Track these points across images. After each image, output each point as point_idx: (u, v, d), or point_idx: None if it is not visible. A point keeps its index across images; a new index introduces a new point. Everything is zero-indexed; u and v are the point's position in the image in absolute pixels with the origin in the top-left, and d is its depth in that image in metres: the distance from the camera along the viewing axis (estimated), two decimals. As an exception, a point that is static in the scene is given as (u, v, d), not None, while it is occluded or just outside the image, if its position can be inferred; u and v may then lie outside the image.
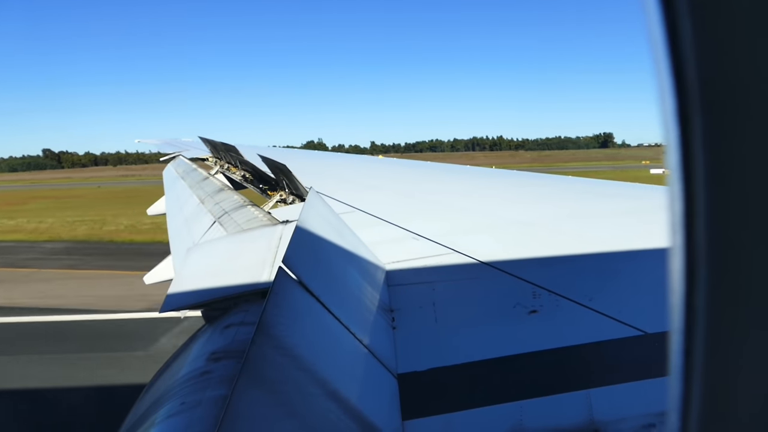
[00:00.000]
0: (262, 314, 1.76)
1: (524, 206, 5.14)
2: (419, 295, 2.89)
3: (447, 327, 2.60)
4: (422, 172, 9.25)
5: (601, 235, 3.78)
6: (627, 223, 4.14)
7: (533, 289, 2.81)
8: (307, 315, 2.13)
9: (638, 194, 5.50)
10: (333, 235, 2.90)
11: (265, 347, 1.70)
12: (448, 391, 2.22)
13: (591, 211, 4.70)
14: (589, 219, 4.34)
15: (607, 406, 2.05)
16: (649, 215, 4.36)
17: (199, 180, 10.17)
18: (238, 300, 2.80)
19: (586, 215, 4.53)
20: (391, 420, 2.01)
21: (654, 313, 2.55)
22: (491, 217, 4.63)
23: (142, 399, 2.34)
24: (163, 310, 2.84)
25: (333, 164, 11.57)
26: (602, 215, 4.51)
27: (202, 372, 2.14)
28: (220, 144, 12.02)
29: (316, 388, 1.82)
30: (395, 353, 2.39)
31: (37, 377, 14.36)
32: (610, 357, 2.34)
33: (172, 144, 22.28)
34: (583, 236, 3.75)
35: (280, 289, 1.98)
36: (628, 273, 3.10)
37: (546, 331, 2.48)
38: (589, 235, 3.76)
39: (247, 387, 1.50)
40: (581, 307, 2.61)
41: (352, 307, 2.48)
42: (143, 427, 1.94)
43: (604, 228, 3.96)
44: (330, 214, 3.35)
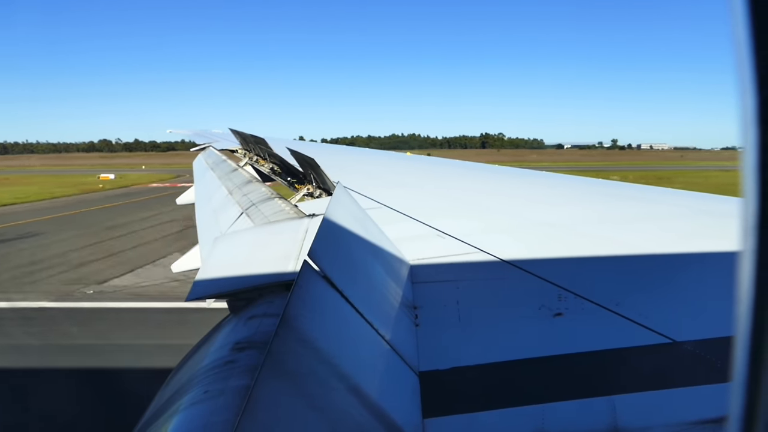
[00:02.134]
0: (286, 306, 1.77)
1: (551, 207, 5.07)
2: (443, 293, 2.87)
3: (470, 326, 2.58)
4: (449, 171, 9.20)
5: (628, 238, 3.71)
6: (654, 227, 4.05)
7: (558, 291, 2.77)
8: (331, 309, 2.14)
9: (664, 199, 5.38)
10: (359, 230, 2.90)
11: (288, 339, 1.71)
12: (469, 390, 2.20)
13: (617, 214, 4.62)
14: (616, 222, 4.27)
15: (632, 413, 2.02)
16: (678, 220, 4.27)
17: (228, 171, 10.29)
18: (262, 291, 2.82)
19: (612, 218, 4.45)
20: (411, 417, 2.01)
21: (683, 321, 2.49)
22: (517, 217, 4.58)
23: (167, 386, 2.38)
24: (190, 298, 2.88)
25: (361, 160, 11.58)
26: (629, 219, 4.43)
27: (225, 361, 2.17)
28: (250, 136, 12.13)
29: (338, 382, 1.82)
30: (417, 351, 2.38)
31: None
32: (636, 364, 2.29)
33: (202, 135, 22.57)
34: (610, 239, 3.68)
35: (305, 282, 1.99)
36: (657, 278, 3.04)
37: (571, 335, 2.44)
38: (617, 238, 3.69)
39: (270, 378, 1.52)
40: (607, 311, 2.57)
41: (375, 302, 2.48)
42: (167, 414, 1.97)
43: (631, 231, 3.89)
44: (356, 209, 3.35)
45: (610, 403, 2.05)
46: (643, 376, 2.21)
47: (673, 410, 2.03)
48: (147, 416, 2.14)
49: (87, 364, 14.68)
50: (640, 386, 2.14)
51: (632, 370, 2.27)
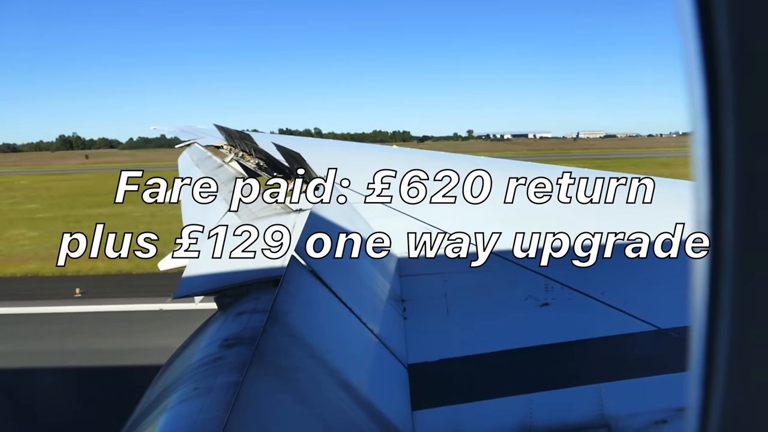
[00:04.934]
0: (274, 302, 1.77)
1: (533, 197, 5.09)
2: (431, 286, 2.88)
3: (458, 318, 2.59)
4: (436, 163, 9.20)
5: (613, 228, 3.74)
6: (637, 217, 4.09)
7: (545, 281, 2.80)
8: (319, 304, 2.14)
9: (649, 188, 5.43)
10: (345, 224, 2.90)
11: (276, 335, 1.71)
12: (458, 382, 2.22)
13: (600, 203, 4.65)
14: (599, 211, 4.30)
15: (618, 401, 2.04)
16: (660, 209, 4.31)
17: (213, 168, 10.22)
18: (250, 287, 2.82)
19: (596, 206, 4.49)
20: (400, 410, 2.02)
21: (667, 309, 2.52)
22: (504, 208, 4.60)
23: (156, 383, 2.37)
24: (178, 295, 2.87)
25: (347, 153, 11.56)
26: (611, 207, 4.46)
27: (215, 358, 2.17)
28: (235, 132, 12.05)
29: (327, 377, 1.83)
30: (406, 343, 2.39)
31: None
32: (621, 352, 2.32)
33: (187, 131, 22.35)
34: (596, 229, 3.71)
35: (292, 278, 1.99)
36: (642, 268, 3.07)
37: (557, 325, 2.47)
38: (602, 228, 3.72)
39: (259, 374, 1.52)
40: (593, 300, 2.60)
41: (363, 296, 2.49)
42: (156, 411, 1.97)
43: (614, 221, 3.92)
44: (343, 203, 3.35)
45: (596, 392, 2.08)
46: (629, 364, 2.24)
47: (658, 397, 2.06)
48: (136, 414, 2.13)
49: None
50: (626, 374, 2.17)
51: (618, 359, 2.30)
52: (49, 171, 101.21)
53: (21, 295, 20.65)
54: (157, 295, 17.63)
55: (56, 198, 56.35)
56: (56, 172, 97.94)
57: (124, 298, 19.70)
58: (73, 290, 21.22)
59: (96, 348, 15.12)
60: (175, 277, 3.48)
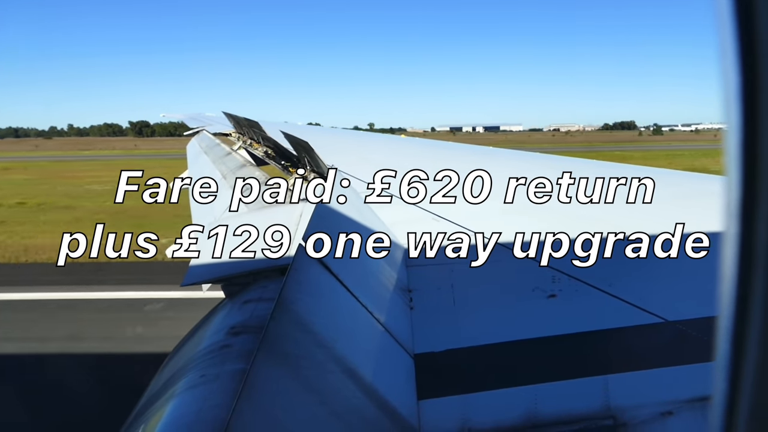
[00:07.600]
0: (281, 290, 1.77)
1: (548, 188, 5.07)
2: (438, 276, 2.88)
3: (465, 309, 2.59)
4: (444, 153, 9.17)
5: (621, 219, 3.72)
6: (646, 209, 4.06)
7: (552, 273, 2.79)
8: (326, 292, 2.15)
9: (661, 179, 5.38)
10: (352, 214, 2.90)
11: (283, 323, 1.71)
12: (464, 372, 2.22)
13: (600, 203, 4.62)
14: (609, 202, 4.27)
15: (625, 392, 2.04)
16: (672, 202, 4.28)
17: (221, 155, 10.24)
18: (257, 276, 2.83)
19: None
20: (406, 399, 2.02)
21: (675, 301, 2.51)
22: (510, 199, 4.58)
23: (163, 370, 2.39)
24: (185, 283, 2.88)
25: (355, 143, 11.53)
26: (619, 199, 4.43)
27: (221, 346, 2.18)
28: (244, 119, 12.05)
29: (333, 365, 1.83)
30: (412, 333, 2.39)
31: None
32: (628, 343, 2.31)
33: (196, 118, 22.39)
34: (603, 220, 3.69)
35: (300, 266, 1.99)
36: (649, 259, 3.05)
37: (564, 316, 2.46)
38: (610, 220, 3.70)
39: (266, 362, 1.52)
40: (601, 292, 2.58)
41: (370, 286, 2.49)
42: (163, 398, 1.99)
43: (624, 213, 3.90)
44: (350, 192, 3.35)
45: (603, 383, 2.07)
46: (636, 356, 2.24)
47: (665, 388, 2.05)
48: (143, 401, 2.15)
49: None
50: (633, 366, 2.16)
51: (625, 350, 2.29)
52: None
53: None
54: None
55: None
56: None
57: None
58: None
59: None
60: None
